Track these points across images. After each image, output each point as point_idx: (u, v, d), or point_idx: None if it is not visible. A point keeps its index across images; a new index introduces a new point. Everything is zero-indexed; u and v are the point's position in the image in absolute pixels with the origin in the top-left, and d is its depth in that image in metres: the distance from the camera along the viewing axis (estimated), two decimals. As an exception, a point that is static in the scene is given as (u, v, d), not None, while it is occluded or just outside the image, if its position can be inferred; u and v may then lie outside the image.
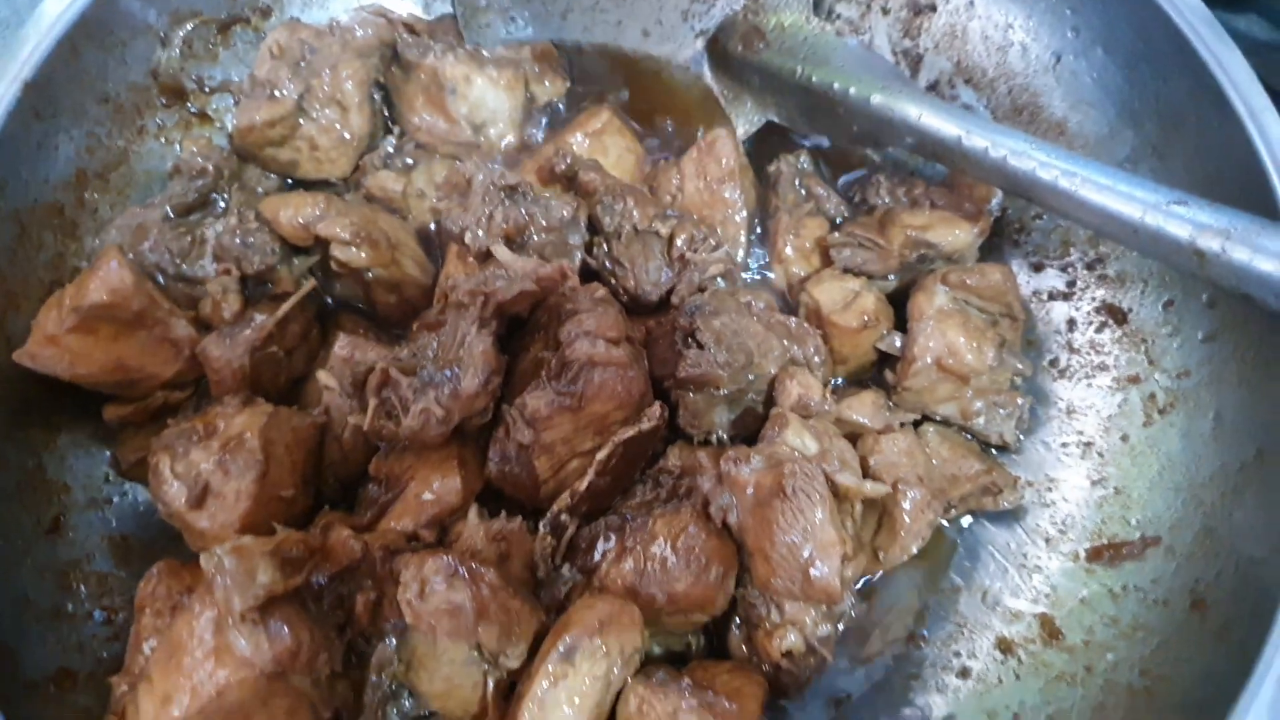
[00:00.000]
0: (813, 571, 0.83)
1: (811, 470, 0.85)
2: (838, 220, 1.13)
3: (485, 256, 0.95)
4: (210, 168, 1.02)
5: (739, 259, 1.09)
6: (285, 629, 0.79)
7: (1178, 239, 0.86)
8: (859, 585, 1.01)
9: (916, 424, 1.05)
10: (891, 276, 1.08)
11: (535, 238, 0.98)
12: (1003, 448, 1.05)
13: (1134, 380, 1.02)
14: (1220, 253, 0.84)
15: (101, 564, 0.96)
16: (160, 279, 1.00)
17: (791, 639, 0.87)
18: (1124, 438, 1.01)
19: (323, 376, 0.93)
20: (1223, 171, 0.94)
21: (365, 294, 1.04)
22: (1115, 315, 1.04)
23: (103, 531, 0.98)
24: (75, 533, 0.96)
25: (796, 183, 1.12)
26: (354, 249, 0.97)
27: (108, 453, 1.01)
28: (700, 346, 0.98)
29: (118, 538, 0.98)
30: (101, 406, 0.98)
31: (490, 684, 0.88)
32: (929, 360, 1.00)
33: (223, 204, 1.04)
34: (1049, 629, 0.96)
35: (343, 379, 0.91)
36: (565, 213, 0.98)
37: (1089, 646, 0.93)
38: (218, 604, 0.79)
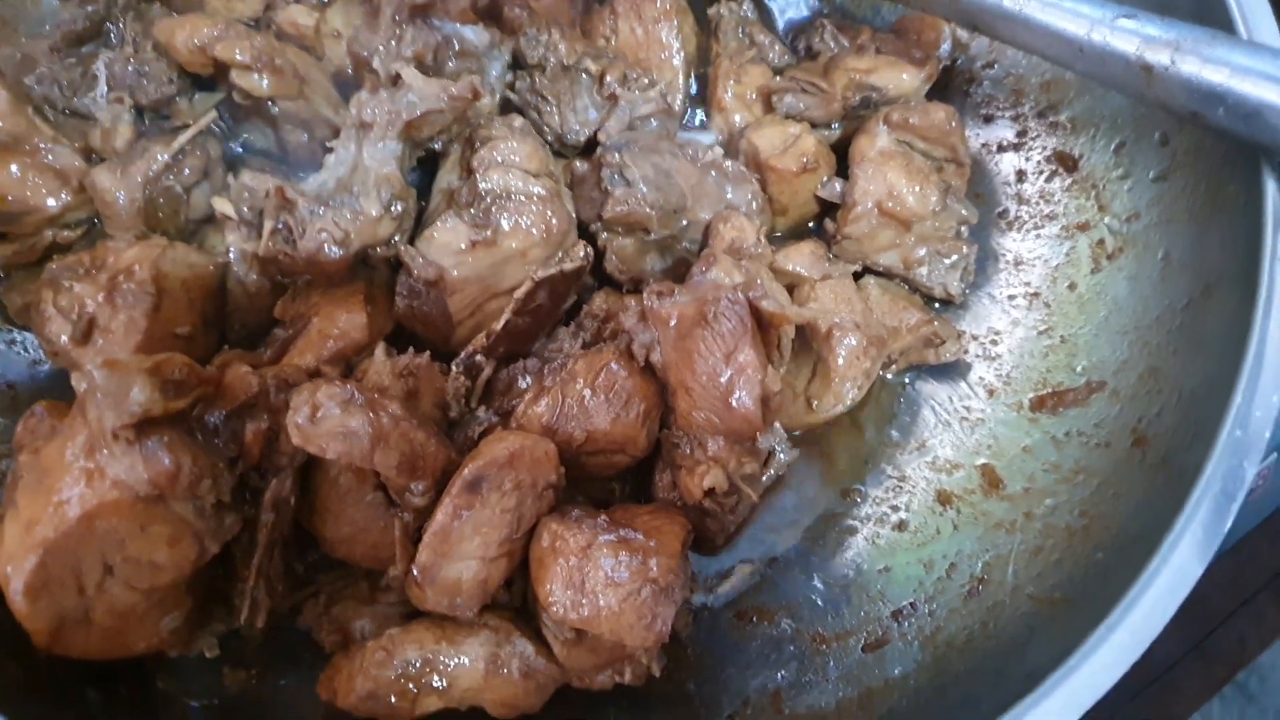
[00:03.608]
0: (733, 399, 0.78)
1: (735, 296, 0.79)
2: (781, 68, 1.07)
3: (395, 81, 0.89)
4: (102, -9, 0.95)
5: (676, 106, 1.03)
6: (163, 450, 0.73)
7: (1125, 54, 0.82)
8: (791, 435, 0.96)
9: (857, 277, 1.00)
10: (835, 125, 1.02)
11: (450, 64, 0.91)
12: (947, 301, 1.00)
13: (1083, 227, 0.97)
14: (1169, 65, 0.80)
15: (-17, 410, 0.90)
16: (49, 114, 0.94)
17: (714, 475, 0.82)
18: (1071, 286, 0.96)
19: (219, 204, 0.87)
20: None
21: (274, 134, 0.97)
22: (1066, 163, 1.00)
23: (-14, 378, 0.92)
24: (-49, 375, 0.90)
25: (739, 29, 1.06)
26: (255, 75, 0.91)
27: (-7, 298, 0.94)
28: (628, 184, 0.92)
29: (4, 386, 0.92)
30: (-14, 248, 0.92)
31: (398, 529, 0.83)
32: (870, 204, 0.95)
33: (116, 34, 0.97)
34: (990, 479, 0.92)
35: (240, 204, 0.85)
36: (483, 39, 0.92)
37: (1029, 494, 0.89)
38: (90, 424, 0.73)
